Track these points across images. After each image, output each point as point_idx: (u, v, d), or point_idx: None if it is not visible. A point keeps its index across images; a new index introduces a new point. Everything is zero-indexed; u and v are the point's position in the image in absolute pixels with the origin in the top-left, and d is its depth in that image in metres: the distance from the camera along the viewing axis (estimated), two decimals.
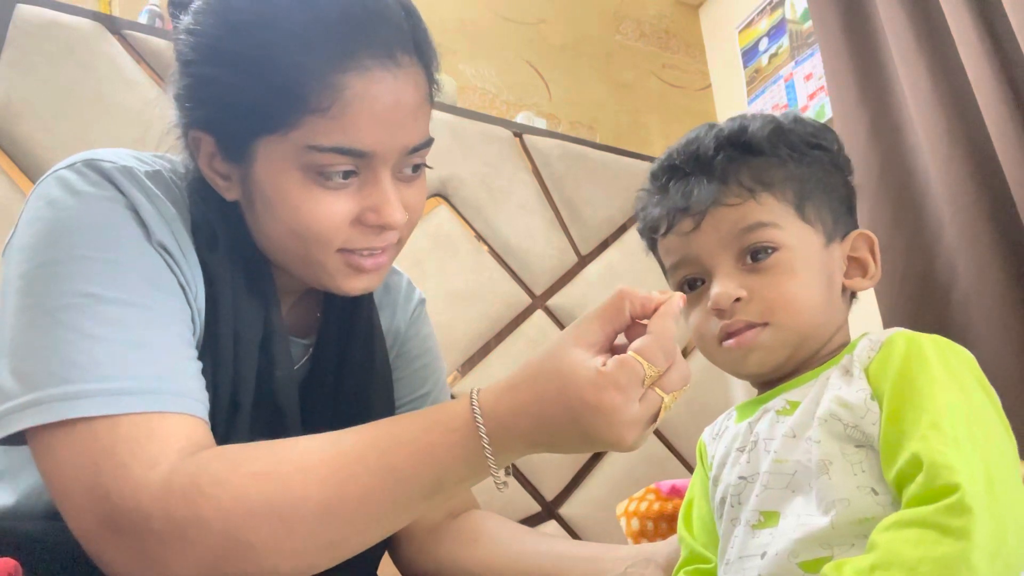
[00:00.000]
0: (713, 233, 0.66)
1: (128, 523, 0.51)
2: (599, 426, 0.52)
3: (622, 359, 0.53)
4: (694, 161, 0.68)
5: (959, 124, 1.31)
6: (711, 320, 0.66)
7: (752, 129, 0.68)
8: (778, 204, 0.66)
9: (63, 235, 0.59)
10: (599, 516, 1.53)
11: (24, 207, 0.63)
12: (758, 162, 0.67)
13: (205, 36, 0.62)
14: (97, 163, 0.62)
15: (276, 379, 0.69)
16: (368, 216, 0.64)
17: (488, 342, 1.57)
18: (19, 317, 0.57)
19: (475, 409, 0.54)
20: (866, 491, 0.55)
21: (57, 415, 0.53)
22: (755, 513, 0.61)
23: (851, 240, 0.70)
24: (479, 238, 1.62)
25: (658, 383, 0.54)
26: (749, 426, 0.66)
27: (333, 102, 0.59)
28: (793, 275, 0.64)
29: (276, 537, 0.52)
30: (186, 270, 0.63)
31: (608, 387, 0.52)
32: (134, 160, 0.65)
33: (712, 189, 0.66)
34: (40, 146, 1.22)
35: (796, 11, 2.10)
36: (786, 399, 0.64)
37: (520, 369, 0.56)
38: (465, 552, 0.81)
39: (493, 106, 2.08)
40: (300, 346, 0.77)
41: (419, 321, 0.91)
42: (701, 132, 0.70)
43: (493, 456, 0.54)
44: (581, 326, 0.56)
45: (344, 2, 0.60)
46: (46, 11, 1.26)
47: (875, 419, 0.56)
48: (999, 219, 1.26)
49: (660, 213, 0.70)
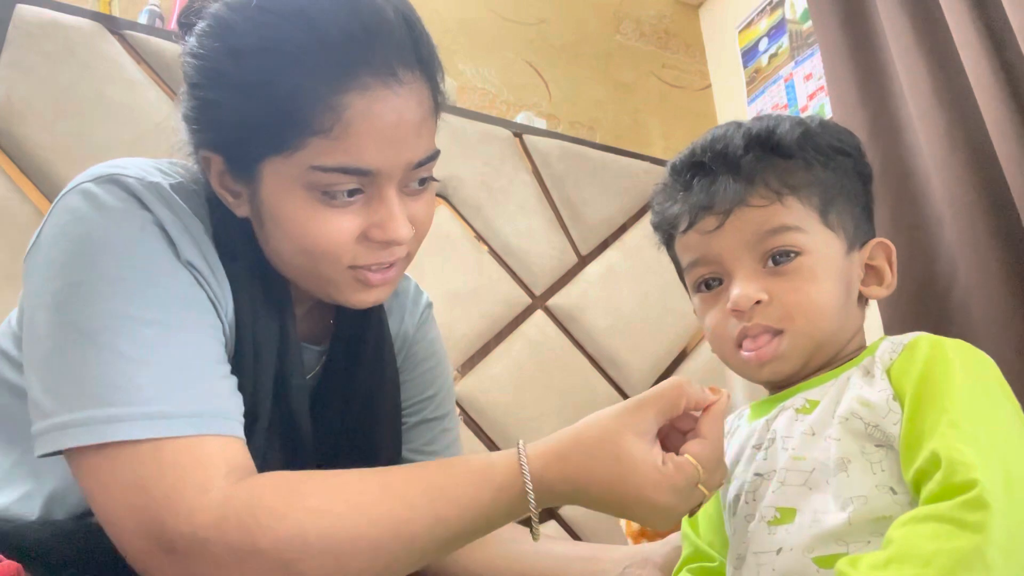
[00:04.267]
0: (736, 233, 0.65)
1: (183, 546, 0.53)
2: (648, 517, 0.58)
3: (682, 464, 0.57)
4: (721, 159, 0.67)
5: (959, 124, 1.31)
6: (729, 321, 0.66)
7: (781, 131, 0.67)
8: (803, 208, 0.65)
9: (93, 253, 0.59)
10: (599, 516, 1.53)
11: (48, 218, 0.63)
12: (786, 164, 0.66)
13: (208, 60, 0.62)
14: (121, 178, 0.63)
15: (291, 387, 0.70)
16: (374, 232, 0.64)
17: (488, 342, 1.57)
18: (53, 336, 0.58)
19: (526, 475, 0.58)
20: (884, 490, 0.56)
21: (101, 437, 0.54)
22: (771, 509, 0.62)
23: (870, 248, 0.70)
24: (479, 238, 1.62)
25: (703, 481, 0.58)
26: (766, 424, 0.66)
27: (335, 123, 0.59)
28: (814, 281, 0.64)
29: (327, 570, 0.55)
30: (215, 285, 0.64)
31: (666, 489, 0.56)
32: (158, 173, 0.66)
33: (738, 189, 0.65)
34: (40, 146, 1.22)
35: (796, 11, 2.10)
36: (805, 398, 0.64)
37: (572, 438, 0.59)
38: (466, 553, 0.81)
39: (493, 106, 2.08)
40: (314, 352, 0.78)
41: (426, 324, 0.91)
42: (729, 130, 0.69)
43: (536, 509, 0.58)
44: (638, 413, 0.59)
45: (343, 22, 0.59)
46: (46, 11, 1.26)
47: (896, 419, 0.57)
48: (999, 219, 1.26)
49: (681, 210, 0.69)
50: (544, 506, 0.59)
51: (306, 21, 0.59)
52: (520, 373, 1.56)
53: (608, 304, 1.68)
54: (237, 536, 0.53)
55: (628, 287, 1.71)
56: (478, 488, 0.58)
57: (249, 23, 0.60)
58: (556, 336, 1.63)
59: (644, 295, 1.73)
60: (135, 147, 1.19)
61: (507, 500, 0.58)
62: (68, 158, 1.22)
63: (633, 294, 1.72)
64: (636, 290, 1.72)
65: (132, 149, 0.71)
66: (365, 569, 0.56)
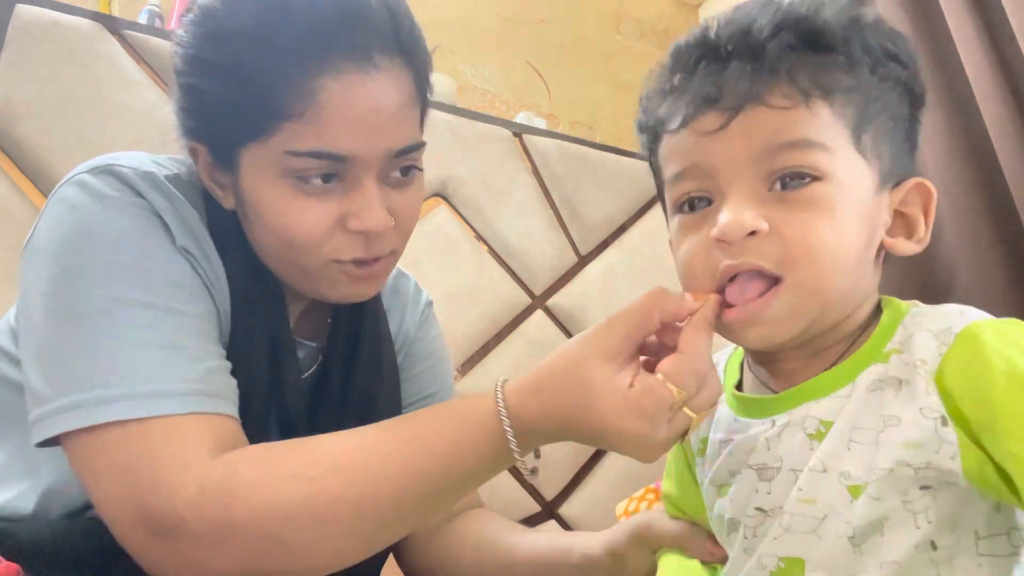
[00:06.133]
0: (742, 139, 0.50)
1: (166, 526, 0.52)
2: (623, 447, 0.52)
3: (651, 386, 0.50)
4: (739, 40, 0.51)
5: (959, 124, 1.31)
6: (711, 252, 0.52)
7: (827, 15, 0.51)
8: (833, 120, 0.50)
9: (88, 240, 0.59)
10: (599, 516, 1.53)
11: (44, 210, 0.63)
12: (823, 59, 0.51)
13: (190, 47, 0.63)
14: (117, 168, 0.63)
15: (285, 382, 0.69)
16: (351, 221, 0.63)
17: (488, 342, 1.57)
18: (48, 322, 0.58)
19: (502, 412, 0.54)
20: (924, 548, 0.48)
21: (91, 419, 0.54)
22: (773, 559, 0.53)
23: (905, 190, 0.54)
24: (479, 238, 1.62)
25: (687, 403, 0.51)
26: (767, 444, 0.55)
27: (308, 107, 0.59)
28: (831, 216, 0.49)
29: (311, 537, 0.53)
30: (210, 272, 0.64)
31: (633, 415, 0.50)
32: (153, 164, 0.66)
33: (756, 80, 0.50)
34: (40, 146, 1.22)
35: None
36: (819, 418, 0.52)
37: (545, 369, 0.55)
38: (454, 554, 0.81)
39: (493, 106, 2.08)
40: (312, 349, 0.78)
41: (427, 323, 0.91)
42: (757, 8, 0.52)
43: (519, 452, 0.54)
44: (606, 333, 0.54)
45: (321, 6, 0.59)
46: (46, 11, 1.25)
47: (953, 452, 0.46)
48: (999, 219, 1.26)
49: (677, 101, 0.54)
50: (529, 446, 0.54)
51: (283, 5, 0.59)
52: (520, 373, 1.55)
53: (608, 304, 1.67)
54: (215, 512, 0.52)
55: (628, 287, 1.71)
56: (456, 432, 0.55)
57: (228, 8, 0.61)
58: (556, 336, 1.63)
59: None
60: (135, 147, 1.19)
61: (489, 441, 0.54)
62: (68, 158, 1.22)
63: (633, 294, 1.70)
64: (636, 290, 1.71)
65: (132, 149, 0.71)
66: (350, 531, 0.54)
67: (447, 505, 0.59)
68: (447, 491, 0.56)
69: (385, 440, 0.56)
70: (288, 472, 0.54)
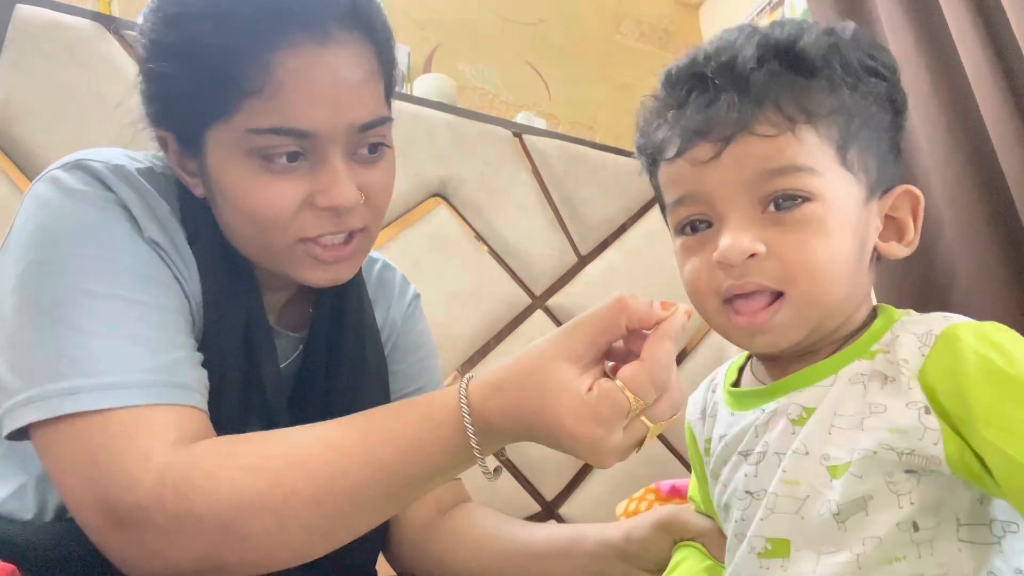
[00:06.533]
0: (734, 168, 0.54)
1: (127, 517, 0.52)
2: (577, 450, 0.51)
3: (608, 391, 0.50)
4: (727, 72, 0.55)
5: (959, 124, 1.31)
6: (715, 274, 0.55)
7: (806, 41, 0.55)
8: (819, 142, 0.53)
9: (55, 234, 0.59)
10: (599, 516, 1.53)
11: (19, 208, 0.64)
12: (805, 84, 0.54)
13: (150, 33, 0.63)
14: (87, 163, 0.63)
15: (262, 372, 0.69)
16: (318, 198, 0.63)
17: (488, 342, 1.57)
18: (16, 315, 0.58)
19: (463, 407, 0.54)
20: (906, 528, 0.49)
21: (54, 410, 0.54)
22: (760, 540, 0.55)
23: (893, 197, 0.58)
24: (479, 238, 1.62)
25: (646, 412, 0.52)
26: (755, 431, 0.58)
27: (265, 82, 0.59)
28: (824, 234, 0.53)
29: (269, 529, 0.53)
30: (180, 264, 0.64)
31: (588, 419, 0.50)
32: (125, 158, 0.66)
33: (743, 111, 0.53)
34: (40, 146, 1.22)
35: (796, 11, 2.10)
36: (801, 405, 0.55)
37: (510, 368, 0.55)
38: (452, 551, 0.81)
39: (493, 106, 2.08)
40: (293, 340, 0.77)
41: (414, 316, 0.91)
42: (740, 37, 0.57)
43: (479, 449, 0.54)
44: (572, 335, 0.53)
45: None
46: (46, 11, 1.25)
47: (936, 438, 0.48)
48: (999, 219, 1.26)
49: (671, 132, 0.57)
50: (490, 445, 0.54)
51: None
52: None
53: None
54: (174, 502, 0.52)
55: (628, 287, 1.71)
56: (418, 428, 0.55)
57: None
58: None
59: (644, 295, 1.72)
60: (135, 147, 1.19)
61: (450, 437, 0.54)
62: None
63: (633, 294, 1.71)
64: (636, 290, 1.70)
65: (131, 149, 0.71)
66: (308, 524, 0.54)
67: (407, 502, 0.58)
68: (408, 487, 0.56)
69: (347, 434, 0.56)
70: (248, 464, 0.54)
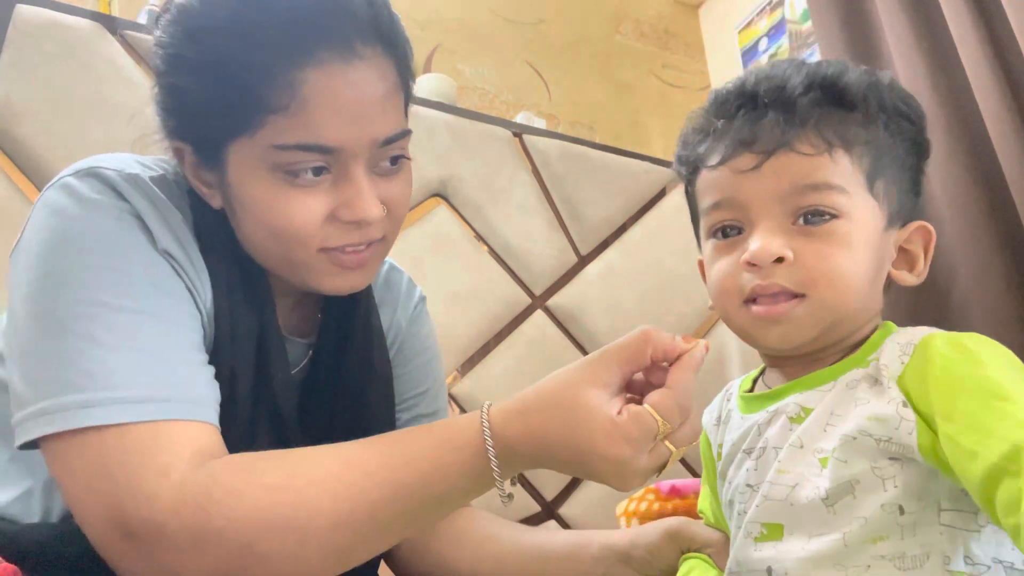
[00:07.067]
0: (772, 179, 0.59)
1: (143, 532, 0.52)
2: (604, 472, 0.54)
3: (638, 413, 0.53)
4: (776, 94, 0.61)
5: (959, 124, 1.31)
6: (741, 275, 0.60)
7: (849, 78, 0.61)
8: (851, 168, 0.59)
9: (70, 243, 0.59)
10: (599, 516, 1.53)
11: (31, 214, 0.63)
12: (845, 115, 0.60)
13: (170, 46, 0.62)
14: (101, 171, 0.63)
15: (274, 380, 0.69)
16: (342, 212, 0.63)
17: (488, 342, 1.57)
18: (30, 325, 0.58)
19: (486, 431, 0.55)
20: (891, 510, 0.53)
21: (69, 424, 0.54)
22: (756, 525, 0.59)
23: (909, 231, 0.64)
24: (479, 238, 1.62)
25: (669, 437, 0.55)
26: (758, 429, 0.63)
27: (292, 99, 0.59)
28: (848, 248, 0.58)
29: (289, 548, 0.53)
30: (193, 275, 0.64)
31: (620, 440, 0.53)
32: (138, 166, 0.66)
33: (788, 129, 0.59)
34: (40, 146, 1.22)
35: (796, 11, 2.10)
36: (800, 405, 0.60)
37: (534, 393, 0.56)
38: (453, 553, 0.81)
39: (493, 106, 2.08)
40: (301, 346, 0.77)
41: (419, 319, 0.91)
42: (791, 68, 0.63)
43: (499, 472, 0.55)
44: (599, 364, 0.56)
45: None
46: (46, 11, 1.25)
47: (911, 428, 0.53)
48: (999, 219, 1.26)
49: (717, 142, 0.63)
50: (510, 469, 0.56)
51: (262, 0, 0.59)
52: (520, 373, 1.55)
53: (608, 304, 1.67)
54: (194, 519, 0.52)
55: (628, 287, 1.71)
56: (439, 451, 0.56)
57: (206, 4, 0.61)
58: (556, 336, 1.63)
59: (644, 295, 1.72)
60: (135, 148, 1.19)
61: (470, 461, 0.55)
62: (68, 158, 1.21)
63: (633, 294, 1.71)
64: (636, 290, 1.72)
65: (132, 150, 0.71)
66: (328, 545, 0.54)
67: (426, 524, 0.59)
68: (427, 509, 0.57)
69: (369, 455, 0.56)
70: (271, 483, 0.54)
